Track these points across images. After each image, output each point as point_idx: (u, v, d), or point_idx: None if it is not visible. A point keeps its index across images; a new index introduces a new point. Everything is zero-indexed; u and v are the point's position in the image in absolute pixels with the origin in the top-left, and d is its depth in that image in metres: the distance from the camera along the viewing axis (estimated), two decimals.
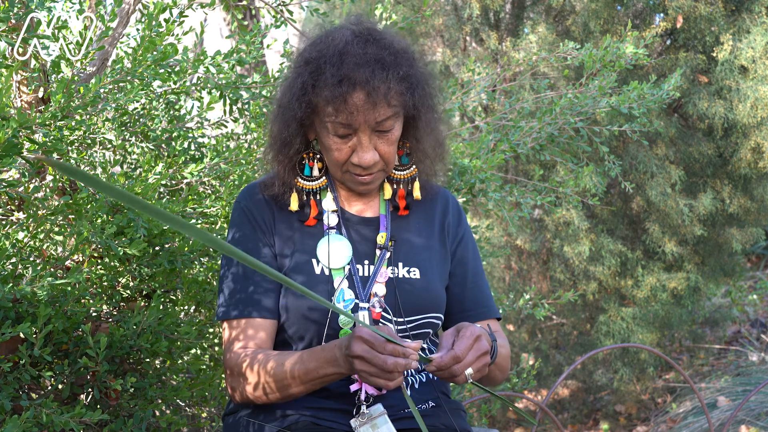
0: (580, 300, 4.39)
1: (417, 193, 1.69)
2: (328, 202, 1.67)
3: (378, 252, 1.65)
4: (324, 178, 1.67)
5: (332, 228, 1.65)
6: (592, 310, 4.52)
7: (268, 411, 1.60)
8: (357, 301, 1.60)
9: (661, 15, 4.03)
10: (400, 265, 1.65)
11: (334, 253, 1.62)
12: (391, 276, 1.63)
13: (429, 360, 1.43)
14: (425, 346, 1.66)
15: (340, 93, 1.50)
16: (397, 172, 1.69)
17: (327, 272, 1.61)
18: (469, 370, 1.41)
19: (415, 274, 1.65)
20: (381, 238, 1.66)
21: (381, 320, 1.61)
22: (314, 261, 1.62)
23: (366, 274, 1.63)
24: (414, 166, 1.69)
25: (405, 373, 1.61)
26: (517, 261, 4.64)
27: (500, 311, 3.26)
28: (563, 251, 4.23)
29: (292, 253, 1.63)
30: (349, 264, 1.62)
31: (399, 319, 1.61)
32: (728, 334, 5.39)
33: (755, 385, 3.75)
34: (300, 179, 1.66)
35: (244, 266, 1.62)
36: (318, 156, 1.67)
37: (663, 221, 4.14)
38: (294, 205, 1.64)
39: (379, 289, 1.62)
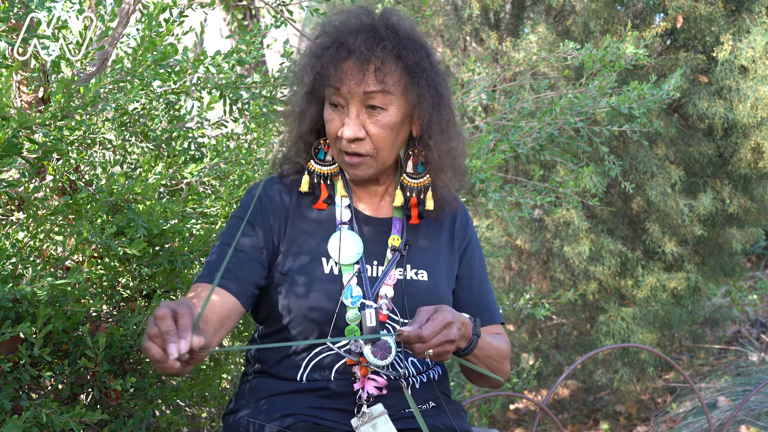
0: (580, 300, 4.39)
1: (429, 203, 1.66)
2: (339, 191, 1.67)
3: (390, 254, 1.65)
4: (336, 164, 1.68)
5: (344, 223, 1.65)
6: (592, 310, 4.52)
7: (268, 411, 1.60)
8: (363, 300, 1.60)
9: (661, 15, 4.03)
10: (408, 267, 1.65)
11: (345, 248, 1.62)
12: (400, 278, 1.63)
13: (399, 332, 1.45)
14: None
15: (331, 57, 1.55)
16: (410, 180, 1.67)
17: (336, 267, 1.61)
18: (429, 352, 1.42)
19: (423, 276, 1.65)
20: (395, 240, 1.66)
21: (387, 322, 1.61)
22: (324, 256, 1.62)
23: (374, 274, 1.63)
24: (428, 176, 1.67)
25: (406, 374, 1.62)
26: (517, 261, 4.64)
27: (500, 311, 3.27)
28: (563, 251, 4.23)
29: (300, 248, 1.63)
30: (358, 262, 1.62)
31: (405, 321, 1.61)
32: (728, 334, 5.39)
33: (755, 385, 3.75)
34: (313, 162, 1.67)
35: (224, 250, 1.60)
36: None
37: (663, 221, 4.14)
38: (304, 186, 1.65)
39: (387, 291, 1.62)
